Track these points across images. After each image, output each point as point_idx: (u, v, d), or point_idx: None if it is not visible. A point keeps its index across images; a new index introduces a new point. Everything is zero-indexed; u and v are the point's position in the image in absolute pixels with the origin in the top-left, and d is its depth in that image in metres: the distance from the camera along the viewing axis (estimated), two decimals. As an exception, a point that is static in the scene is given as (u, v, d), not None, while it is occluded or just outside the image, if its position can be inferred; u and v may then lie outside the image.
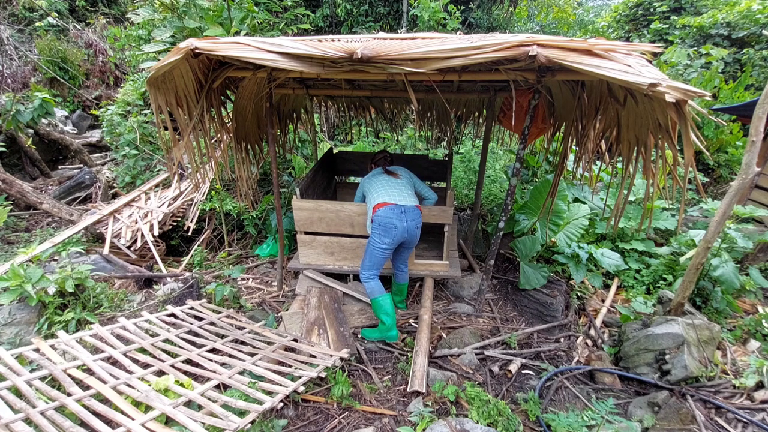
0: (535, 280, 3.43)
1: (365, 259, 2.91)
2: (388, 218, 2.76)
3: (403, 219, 2.78)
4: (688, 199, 5.30)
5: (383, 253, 2.84)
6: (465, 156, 6.76)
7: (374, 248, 2.84)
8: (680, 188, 2.90)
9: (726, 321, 3.28)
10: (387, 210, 2.78)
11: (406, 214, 2.80)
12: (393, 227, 2.76)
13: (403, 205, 2.82)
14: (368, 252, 2.89)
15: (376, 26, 8.52)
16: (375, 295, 2.89)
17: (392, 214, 2.77)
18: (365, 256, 2.91)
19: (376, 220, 2.81)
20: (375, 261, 2.87)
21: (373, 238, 2.84)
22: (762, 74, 6.87)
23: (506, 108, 3.69)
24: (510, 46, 1.80)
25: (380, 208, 2.81)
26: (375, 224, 2.82)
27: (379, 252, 2.84)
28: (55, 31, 8.60)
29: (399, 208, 2.79)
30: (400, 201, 2.84)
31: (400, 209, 2.79)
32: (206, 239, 4.45)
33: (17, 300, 2.71)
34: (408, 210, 2.82)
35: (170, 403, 1.92)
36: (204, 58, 2.41)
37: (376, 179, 3.05)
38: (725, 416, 2.42)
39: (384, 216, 2.77)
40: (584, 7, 14.00)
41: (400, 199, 2.85)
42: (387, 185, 2.96)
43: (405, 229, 2.80)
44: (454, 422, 2.10)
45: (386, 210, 2.78)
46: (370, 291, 2.91)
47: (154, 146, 5.31)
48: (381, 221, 2.78)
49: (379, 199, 2.86)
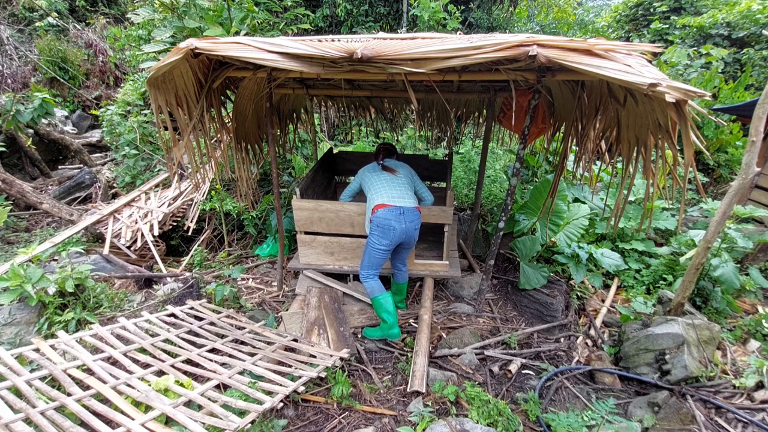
0: (535, 280, 3.43)
1: (364, 260, 2.91)
2: (387, 220, 2.75)
3: (402, 221, 2.77)
4: (688, 199, 5.30)
5: (382, 254, 2.84)
6: (465, 156, 6.76)
7: (373, 249, 2.84)
8: (680, 188, 2.90)
9: (726, 321, 3.28)
10: (386, 212, 2.77)
11: (405, 215, 2.79)
12: (392, 229, 2.76)
13: (402, 206, 2.81)
14: (367, 252, 2.89)
15: (376, 26, 8.51)
16: (375, 294, 2.89)
17: (391, 215, 2.76)
18: (364, 256, 2.92)
19: (374, 221, 2.80)
20: (374, 261, 2.88)
21: (371, 239, 2.84)
22: (762, 74, 6.87)
23: (506, 108, 3.69)
24: (510, 46, 1.80)
25: (379, 209, 2.80)
26: (374, 225, 2.81)
27: (378, 253, 2.84)
28: (55, 31, 8.60)
29: (398, 210, 2.78)
30: (400, 203, 2.82)
31: (399, 211, 2.78)
32: (206, 239, 4.45)
33: (17, 300, 2.71)
34: (407, 211, 2.81)
35: (170, 403, 1.92)
36: (204, 58, 2.41)
37: (375, 177, 3.00)
38: (725, 416, 2.42)
39: (383, 217, 2.76)
40: (584, 7, 14.00)
41: (400, 200, 2.84)
42: (387, 185, 2.92)
43: (403, 231, 2.80)
44: (454, 422, 2.10)
45: (385, 212, 2.77)
46: (370, 290, 2.91)
47: (154, 146, 5.31)
48: (380, 222, 2.77)
49: (378, 200, 2.85)
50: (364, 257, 2.92)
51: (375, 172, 3.05)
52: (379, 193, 2.88)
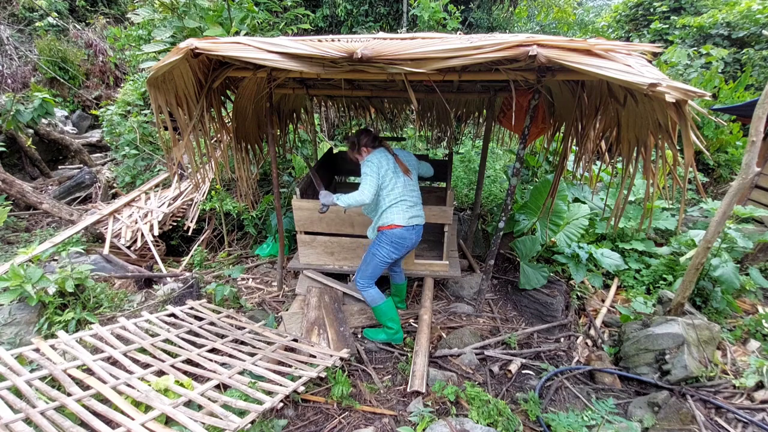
0: (535, 280, 3.43)
1: (366, 270, 2.76)
2: (403, 238, 2.65)
3: (415, 234, 2.71)
4: (688, 199, 5.30)
5: (387, 265, 2.77)
6: (465, 156, 6.76)
7: (380, 261, 2.71)
8: (680, 188, 2.90)
9: (726, 321, 3.28)
10: (403, 231, 2.64)
11: (417, 228, 2.72)
12: (405, 245, 2.70)
13: (417, 225, 2.71)
14: (371, 264, 2.74)
15: (376, 26, 8.51)
16: (378, 302, 2.81)
17: (407, 234, 2.66)
18: (366, 267, 2.76)
19: (389, 236, 2.64)
20: (377, 272, 2.78)
21: (380, 252, 2.68)
22: (762, 74, 6.87)
23: (506, 108, 3.69)
24: (510, 46, 1.80)
25: (396, 228, 2.63)
26: (386, 240, 2.65)
27: (385, 265, 2.75)
28: (55, 31, 8.60)
29: (414, 229, 2.69)
30: (416, 221, 2.68)
31: (414, 229, 2.69)
32: (206, 239, 4.45)
33: (17, 300, 2.71)
34: (420, 225, 2.74)
35: (170, 403, 1.92)
36: (204, 58, 2.41)
37: (395, 179, 2.63)
38: (725, 416, 2.42)
39: (400, 235, 2.64)
40: (584, 7, 13.99)
41: (416, 219, 2.69)
42: (406, 194, 2.65)
43: (414, 242, 2.76)
44: (454, 422, 2.10)
45: (402, 231, 2.63)
46: (372, 299, 2.80)
47: (154, 146, 5.31)
48: (395, 239, 2.64)
49: (396, 218, 2.61)
50: (366, 268, 2.76)
51: (394, 171, 2.63)
52: (398, 207, 2.62)
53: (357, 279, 2.82)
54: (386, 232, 2.65)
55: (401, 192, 2.64)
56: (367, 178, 2.51)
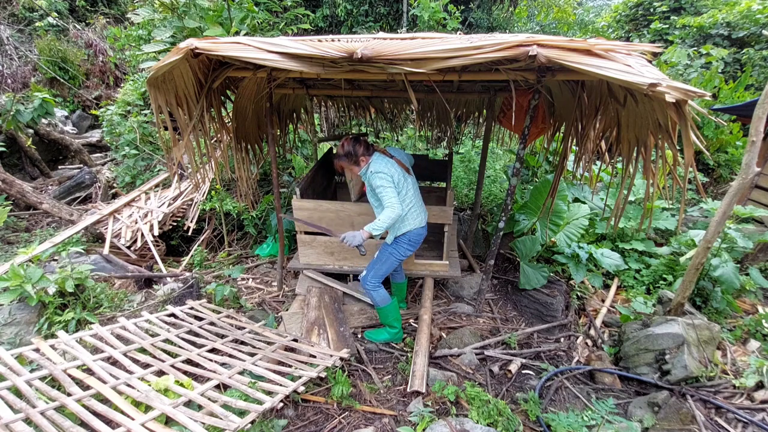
0: (535, 280, 3.43)
1: (379, 269, 2.79)
2: (420, 235, 2.79)
3: (427, 229, 2.86)
4: (688, 199, 5.30)
5: (400, 263, 2.88)
6: (465, 156, 6.75)
7: (396, 260, 2.78)
8: (680, 188, 2.90)
9: (726, 321, 3.28)
10: (422, 230, 2.79)
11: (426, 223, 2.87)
12: (420, 240, 2.82)
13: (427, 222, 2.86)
14: (386, 262, 2.78)
15: (376, 26, 8.51)
16: (387, 302, 2.86)
17: (423, 231, 2.81)
18: (380, 266, 2.79)
19: (408, 237, 2.73)
20: (389, 271, 2.85)
21: (397, 250, 2.75)
22: (762, 74, 6.87)
23: (506, 108, 3.69)
24: (510, 46, 1.80)
25: (416, 229, 2.74)
26: (405, 240, 2.74)
27: (398, 263, 2.85)
28: (55, 31, 8.60)
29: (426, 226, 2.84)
30: (426, 217, 2.84)
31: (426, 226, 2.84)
32: (206, 239, 4.45)
33: (17, 300, 2.71)
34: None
35: (170, 403, 1.92)
36: (204, 58, 2.41)
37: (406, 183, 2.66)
38: (725, 416, 2.42)
39: (417, 233, 2.76)
40: (584, 7, 13.98)
41: (425, 213, 2.84)
42: (416, 197, 2.74)
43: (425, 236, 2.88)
44: (454, 422, 2.10)
45: (421, 230, 2.78)
46: (381, 299, 2.84)
47: (154, 146, 5.31)
48: (413, 237, 2.75)
49: (416, 221, 2.71)
50: (380, 267, 2.79)
51: (402, 175, 2.64)
52: (413, 212, 2.70)
53: (368, 279, 2.81)
54: (407, 233, 2.74)
55: (413, 195, 2.69)
56: (386, 190, 2.46)
